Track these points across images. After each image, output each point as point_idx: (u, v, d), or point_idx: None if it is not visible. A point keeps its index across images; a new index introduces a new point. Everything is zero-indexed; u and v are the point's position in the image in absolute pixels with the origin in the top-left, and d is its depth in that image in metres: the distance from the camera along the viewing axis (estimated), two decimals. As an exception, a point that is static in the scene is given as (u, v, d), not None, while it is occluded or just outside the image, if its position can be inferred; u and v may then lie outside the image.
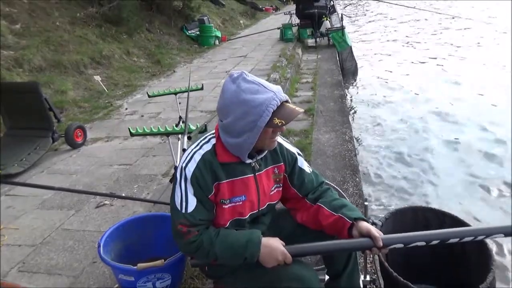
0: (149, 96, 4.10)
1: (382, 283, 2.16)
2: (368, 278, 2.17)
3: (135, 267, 1.76)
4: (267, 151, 1.53)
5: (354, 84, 9.29)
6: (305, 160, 1.69)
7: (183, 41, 11.22)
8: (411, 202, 4.25)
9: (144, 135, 2.88)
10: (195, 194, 1.41)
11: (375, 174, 4.97)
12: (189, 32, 11.60)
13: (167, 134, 2.82)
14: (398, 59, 11.35)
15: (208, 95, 6.04)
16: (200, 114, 5.25)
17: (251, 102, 1.31)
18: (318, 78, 7.44)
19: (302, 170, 1.61)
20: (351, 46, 10.18)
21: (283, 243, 1.41)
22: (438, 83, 8.66)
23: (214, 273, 1.64)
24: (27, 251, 2.51)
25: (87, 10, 9.06)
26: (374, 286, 2.24)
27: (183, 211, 1.40)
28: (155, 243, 2.13)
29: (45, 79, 6.07)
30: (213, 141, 1.46)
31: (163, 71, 8.33)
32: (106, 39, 8.61)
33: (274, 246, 1.39)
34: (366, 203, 2.15)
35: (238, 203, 1.47)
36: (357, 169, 3.77)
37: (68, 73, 6.84)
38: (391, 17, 21.06)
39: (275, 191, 1.58)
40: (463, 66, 10.06)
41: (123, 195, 3.07)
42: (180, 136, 2.86)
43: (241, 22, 16.63)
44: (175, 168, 1.94)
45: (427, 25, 17.53)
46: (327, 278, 1.81)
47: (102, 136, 4.72)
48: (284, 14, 14.24)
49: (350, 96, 8.09)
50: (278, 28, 11.59)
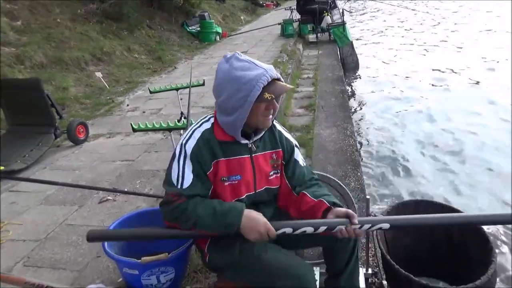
0: (150, 92, 4.13)
1: (383, 276, 2.18)
2: (370, 271, 2.18)
3: (139, 261, 1.77)
4: (266, 136, 1.57)
5: (355, 79, 9.28)
6: (301, 154, 1.72)
7: (184, 37, 11.21)
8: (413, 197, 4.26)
9: (146, 130, 2.89)
10: (193, 171, 1.44)
11: (376, 169, 4.99)
12: (189, 28, 11.58)
13: (169, 130, 2.84)
14: (398, 52, 11.35)
15: (209, 91, 5.98)
16: (201, 110, 5.26)
17: (242, 79, 1.36)
18: (319, 74, 7.43)
19: (296, 162, 1.64)
20: (352, 41, 10.16)
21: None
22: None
23: (214, 265, 1.63)
24: (32, 246, 2.53)
25: (88, 7, 9.05)
26: (376, 279, 2.25)
27: (179, 186, 1.43)
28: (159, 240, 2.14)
29: (46, 76, 6.07)
30: (212, 120, 1.52)
31: (164, 67, 8.33)
32: (107, 36, 8.61)
33: (256, 218, 1.39)
34: (368, 196, 2.16)
35: (234, 182, 1.50)
36: (358, 163, 3.78)
37: (69, 69, 6.85)
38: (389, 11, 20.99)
39: (273, 176, 1.60)
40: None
41: (126, 190, 3.08)
42: (182, 131, 2.88)
43: (241, 18, 16.59)
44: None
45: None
46: (327, 275, 1.83)
47: (104, 132, 4.73)
48: (285, 9, 14.20)
49: (351, 91, 8.09)
50: (279, 24, 11.57)
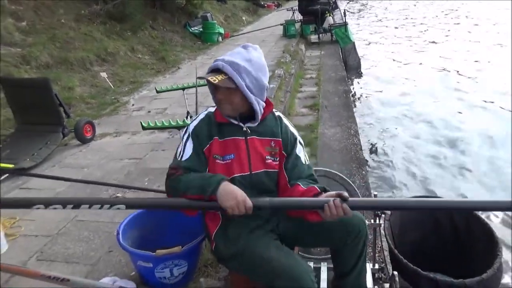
0: (157, 92, 4.19)
1: (390, 271, 2.22)
2: (376, 266, 2.22)
3: (154, 254, 1.83)
4: (268, 124, 1.66)
5: (357, 79, 9.33)
6: (305, 152, 1.75)
7: (187, 38, 11.26)
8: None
9: (155, 128, 2.96)
10: (193, 147, 1.58)
11: (380, 168, 5.04)
12: (192, 29, 11.64)
13: (178, 128, 2.90)
14: (400, 52, 11.41)
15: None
16: (206, 109, 5.31)
17: None
18: (322, 74, 7.48)
19: (298, 157, 1.68)
20: (354, 42, 10.20)
21: None
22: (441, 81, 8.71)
23: (219, 254, 1.67)
24: (44, 241, 2.59)
25: (91, 8, 9.11)
26: (383, 274, 2.28)
27: (179, 158, 1.58)
28: (170, 232, 2.19)
29: (52, 76, 6.11)
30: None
31: (167, 67, 8.39)
32: (111, 36, 8.67)
33: (235, 189, 1.43)
34: (375, 192, 2.21)
35: (228, 161, 1.59)
36: (363, 162, 3.83)
37: (74, 70, 6.90)
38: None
39: (270, 161, 1.64)
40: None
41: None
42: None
43: (243, 18, 16.64)
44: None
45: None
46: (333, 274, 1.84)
47: (111, 132, 4.78)
48: (287, 10, 14.25)
49: (354, 91, 8.14)
50: (281, 24, 11.61)
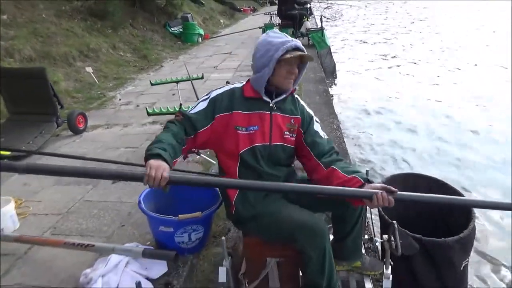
0: (152, 84, 4.35)
1: (378, 240, 2.51)
2: (366, 237, 2.51)
3: (177, 218, 2.03)
4: (288, 103, 1.87)
5: (333, 82, 9.77)
6: (322, 128, 2.01)
7: (167, 37, 11.36)
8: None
9: (160, 114, 3.13)
10: (205, 107, 1.78)
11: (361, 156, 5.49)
12: (172, 29, 11.74)
13: (182, 114, 3.09)
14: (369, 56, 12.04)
15: (200, 88, 6.27)
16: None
17: (272, 42, 1.74)
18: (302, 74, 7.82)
19: (316, 132, 1.91)
20: (330, 47, 10.64)
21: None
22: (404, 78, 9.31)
23: (238, 217, 1.86)
24: (55, 219, 2.72)
25: (72, 4, 9.08)
26: (371, 244, 2.57)
27: (188, 110, 1.81)
28: (183, 205, 2.39)
29: (37, 69, 6.12)
30: (244, 82, 1.88)
31: (150, 65, 8.49)
32: (92, 33, 8.66)
33: (162, 163, 1.50)
34: (367, 168, 2.50)
35: (251, 132, 1.79)
36: (346, 153, 4.15)
37: (58, 64, 6.90)
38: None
39: (288, 135, 1.86)
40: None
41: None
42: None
43: (221, 21, 16.87)
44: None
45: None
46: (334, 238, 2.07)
47: (102, 124, 4.88)
48: (264, 14, 14.61)
49: (332, 92, 8.54)
50: (260, 28, 11.92)
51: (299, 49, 1.76)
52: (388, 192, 1.54)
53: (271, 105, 1.82)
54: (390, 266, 1.89)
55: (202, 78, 4.29)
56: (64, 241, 2.18)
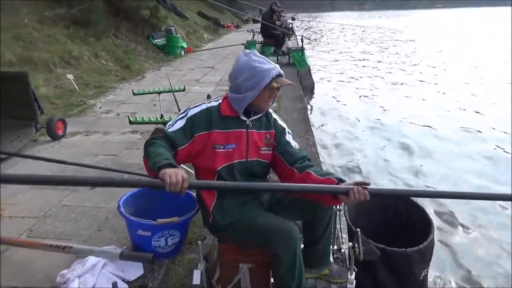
0: (134, 94, 4.43)
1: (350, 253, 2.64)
2: (335, 247, 2.65)
3: (155, 222, 2.11)
4: (263, 120, 1.98)
5: (311, 100, 10.07)
6: (293, 139, 2.14)
7: (150, 49, 11.45)
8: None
9: (142, 123, 3.22)
10: (183, 125, 1.83)
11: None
12: (155, 41, 11.85)
13: (164, 124, 3.18)
14: (350, 75, 12.50)
15: (182, 99, 6.37)
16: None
17: (258, 68, 1.84)
18: (281, 92, 8.04)
19: (288, 143, 2.03)
20: (309, 66, 10.98)
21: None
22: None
23: (216, 225, 1.95)
24: (32, 222, 2.74)
25: (55, 11, 9.07)
26: (340, 255, 2.71)
27: (166, 129, 1.85)
28: (160, 212, 2.47)
29: (17, 74, 6.09)
30: (220, 100, 1.96)
31: (132, 75, 8.54)
32: (75, 41, 8.67)
33: (178, 170, 1.57)
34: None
35: (229, 150, 1.88)
36: (321, 167, 4.32)
37: (38, 70, 6.87)
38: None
39: (265, 151, 1.98)
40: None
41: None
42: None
43: (204, 36, 17.10)
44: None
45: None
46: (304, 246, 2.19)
47: (81, 131, 4.90)
48: (247, 31, 14.93)
49: (309, 109, 8.81)
50: (242, 44, 12.18)
51: (281, 75, 1.90)
52: (363, 186, 1.62)
53: (248, 123, 1.93)
54: (354, 273, 2.03)
55: (184, 90, 4.41)
56: (41, 242, 2.22)
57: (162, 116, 4.34)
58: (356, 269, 2.03)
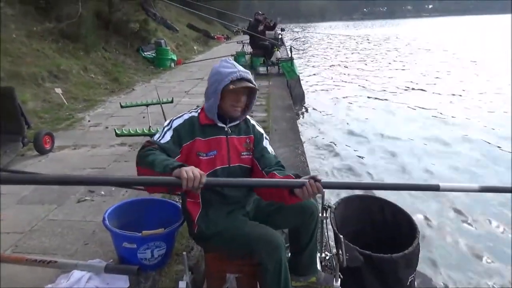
0: (121, 107, 4.44)
1: (335, 260, 2.65)
2: (323, 255, 2.65)
3: (140, 234, 2.10)
4: (242, 126, 2.01)
5: (301, 109, 10.14)
6: (270, 145, 2.15)
7: (139, 61, 11.48)
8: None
9: (129, 135, 3.22)
10: (171, 137, 1.84)
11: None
12: (145, 53, 11.90)
13: (150, 136, 3.19)
14: (339, 85, 12.60)
15: (170, 112, 6.38)
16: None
17: (221, 72, 1.87)
18: (271, 102, 8.09)
19: (265, 148, 2.06)
20: (299, 76, 11.07)
21: None
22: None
23: (201, 235, 1.95)
24: (18, 237, 2.71)
25: (44, 25, 9.08)
26: (328, 262, 2.71)
27: (157, 140, 1.83)
28: (147, 224, 2.46)
29: (4, 89, 6.06)
30: (199, 110, 1.99)
31: (122, 88, 8.54)
32: (63, 55, 8.68)
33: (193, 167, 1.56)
34: (325, 190, 2.67)
35: (211, 157, 1.91)
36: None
37: (26, 84, 6.85)
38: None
39: (245, 156, 2.00)
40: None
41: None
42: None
43: (194, 48, 17.20)
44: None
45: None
46: (290, 255, 2.22)
47: (69, 144, 4.88)
48: (237, 43, 15.04)
49: (299, 119, 8.86)
50: (231, 55, 12.27)
51: (245, 79, 1.88)
52: (316, 180, 1.62)
53: (226, 129, 1.96)
54: (340, 279, 2.03)
55: (172, 102, 4.42)
56: (26, 257, 2.19)
57: (149, 128, 4.37)
58: (342, 276, 2.04)
